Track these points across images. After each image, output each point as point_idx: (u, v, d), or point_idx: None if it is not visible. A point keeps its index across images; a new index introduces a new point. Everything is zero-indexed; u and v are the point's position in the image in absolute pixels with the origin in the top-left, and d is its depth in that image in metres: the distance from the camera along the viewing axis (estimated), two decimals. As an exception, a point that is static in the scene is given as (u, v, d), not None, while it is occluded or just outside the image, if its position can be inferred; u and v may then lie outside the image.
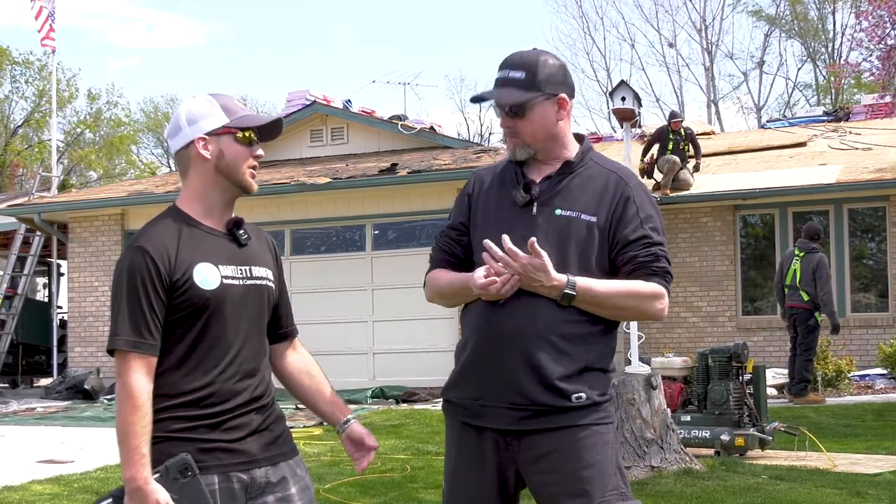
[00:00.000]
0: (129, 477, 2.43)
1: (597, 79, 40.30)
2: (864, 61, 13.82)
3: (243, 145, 2.63)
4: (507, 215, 2.76)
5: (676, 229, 14.85)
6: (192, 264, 2.55)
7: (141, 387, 2.47)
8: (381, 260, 14.33)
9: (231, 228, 2.67)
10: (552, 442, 2.65)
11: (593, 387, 2.67)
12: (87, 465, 8.21)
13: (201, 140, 2.62)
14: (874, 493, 6.26)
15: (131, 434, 2.43)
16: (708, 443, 7.81)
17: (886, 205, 14.30)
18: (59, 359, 16.72)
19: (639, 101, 8.86)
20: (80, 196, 17.46)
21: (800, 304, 11.09)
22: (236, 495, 2.54)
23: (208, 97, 2.67)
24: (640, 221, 2.71)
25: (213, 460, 2.52)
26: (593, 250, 2.70)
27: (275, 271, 2.76)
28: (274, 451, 2.63)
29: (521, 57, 2.77)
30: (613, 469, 2.68)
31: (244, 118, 2.65)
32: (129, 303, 2.51)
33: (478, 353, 2.73)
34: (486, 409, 2.70)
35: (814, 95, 37.46)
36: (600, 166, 2.81)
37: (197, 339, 2.56)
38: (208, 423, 2.53)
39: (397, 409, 11.82)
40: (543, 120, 2.75)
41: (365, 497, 6.56)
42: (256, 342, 2.66)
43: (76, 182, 39.23)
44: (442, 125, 18.71)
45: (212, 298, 2.55)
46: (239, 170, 2.63)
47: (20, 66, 38.47)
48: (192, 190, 2.66)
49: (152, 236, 2.57)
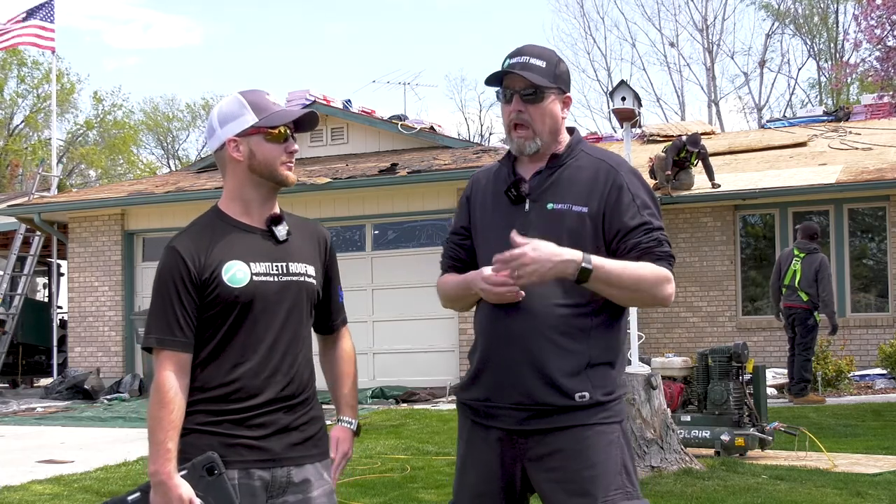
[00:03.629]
0: (154, 471, 2.47)
1: (597, 78, 40.38)
2: (862, 62, 13.79)
3: (275, 143, 2.64)
4: (503, 215, 2.77)
5: (676, 229, 14.85)
6: (221, 262, 2.59)
7: (170, 383, 2.52)
8: (381, 260, 14.34)
9: (269, 225, 2.68)
10: (557, 442, 2.66)
11: (598, 385, 2.67)
12: (87, 465, 8.22)
13: (232, 142, 2.65)
14: (874, 493, 6.26)
15: (158, 429, 2.49)
16: (708, 443, 7.81)
17: (887, 205, 14.30)
18: (59, 359, 16.72)
19: (639, 101, 8.86)
20: (80, 196, 17.45)
21: (799, 305, 11.08)
22: (256, 492, 2.56)
23: (238, 96, 2.68)
24: (637, 208, 2.70)
25: (234, 455, 2.54)
26: (586, 240, 2.68)
27: (320, 266, 2.75)
28: (300, 451, 2.63)
29: (540, 48, 2.78)
30: (618, 468, 2.67)
31: (273, 115, 2.64)
32: (160, 302, 2.58)
33: (485, 355, 2.75)
34: (493, 409, 2.72)
35: (817, 95, 37.46)
36: (590, 156, 2.79)
37: (227, 336, 2.59)
38: (234, 419, 2.56)
39: (397, 409, 11.83)
40: (553, 112, 2.76)
41: (365, 497, 6.56)
42: (291, 340, 2.66)
43: (76, 182, 39.24)
44: (442, 125, 18.70)
45: (241, 296, 2.58)
46: (273, 167, 2.65)
47: (27, 66, 38.56)
48: (229, 189, 2.70)
49: (185, 236, 2.64)
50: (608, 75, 39.17)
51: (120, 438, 10.00)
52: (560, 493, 2.66)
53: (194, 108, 47.92)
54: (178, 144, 48.86)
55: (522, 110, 2.73)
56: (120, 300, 15.55)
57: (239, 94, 2.68)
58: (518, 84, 2.72)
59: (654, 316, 14.82)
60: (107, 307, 15.63)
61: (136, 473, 7.68)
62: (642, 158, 17.65)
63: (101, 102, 42.29)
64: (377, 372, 14.05)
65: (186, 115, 48.27)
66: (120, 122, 43.22)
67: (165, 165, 46.76)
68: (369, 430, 9.78)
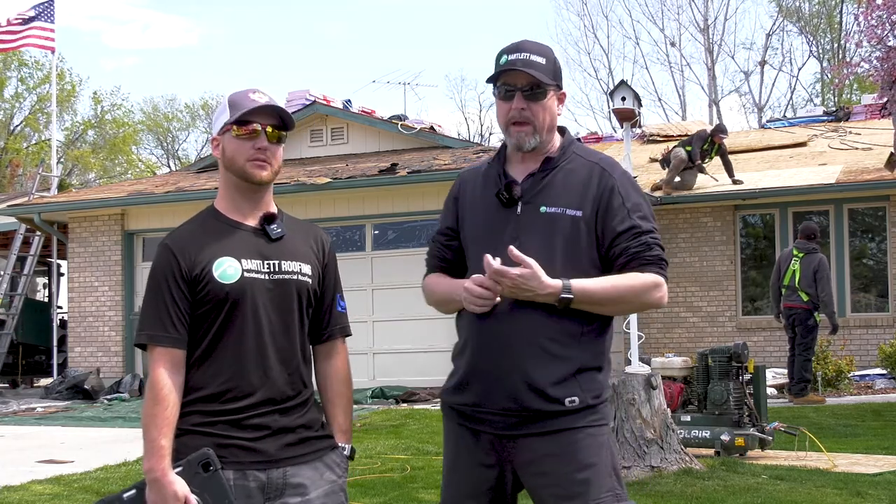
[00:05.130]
0: (149, 468, 2.48)
1: (597, 77, 40.35)
2: (862, 62, 13.78)
3: (243, 139, 2.62)
4: (494, 216, 2.75)
5: (676, 229, 14.85)
6: (212, 259, 2.58)
7: (162, 380, 2.52)
8: (381, 260, 14.33)
9: (262, 223, 2.67)
10: (547, 445, 2.64)
11: (587, 389, 2.65)
12: (87, 465, 8.21)
13: (215, 141, 2.70)
14: (874, 493, 6.26)
15: (151, 426, 2.49)
16: (708, 443, 7.81)
17: (887, 205, 14.30)
18: (59, 359, 16.71)
19: (639, 101, 8.85)
20: (79, 196, 17.44)
21: (798, 305, 11.08)
22: (252, 493, 2.55)
23: (229, 96, 2.69)
24: (626, 211, 2.67)
25: (230, 456, 2.53)
26: (581, 245, 2.66)
27: (316, 267, 2.72)
28: (296, 451, 2.61)
29: (537, 44, 2.76)
30: (609, 471, 2.66)
31: (241, 112, 2.62)
32: (152, 299, 2.58)
33: (472, 361, 2.73)
34: (482, 414, 2.70)
35: (818, 95, 37.47)
36: (583, 158, 2.76)
37: (219, 334, 2.58)
38: (228, 420, 2.55)
39: (397, 409, 11.82)
40: (553, 109, 2.74)
41: (365, 497, 6.56)
42: (285, 338, 2.64)
43: (76, 182, 39.23)
44: (442, 125, 18.74)
45: (231, 292, 2.57)
46: (237, 164, 2.63)
47: (28, 67, 38.56)
48: (221, 188, 2.73)
49: (177, 234, 2.65)
50: (609, 74, 39.17)
51: (120, 438, 9.99)
52: (552, 497, 2.65)
53: (193, 109, 47.99)
54: (178, 144, 48.93)
55: (525, 108, 2.70)
56: (120, 300, 15.54)
57: (232, 93, 2.69)
58: (521, 81, 2.70)
59: (654, 316, 14.82)
60: (107, 307, 15.63)
61: (135, 473, 7.67)
62: (642, 158, 17.65)
63: (101, 103, 42.33)
64: (377, 372, 14.06)
65: (186, 116, 48.35)
66: (119, 121, 43.22)
67: (165, 165, 46.77)
68: (369, 430, 9.79)
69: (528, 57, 2.70)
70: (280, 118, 2.66)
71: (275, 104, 2.64)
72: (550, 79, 2.71)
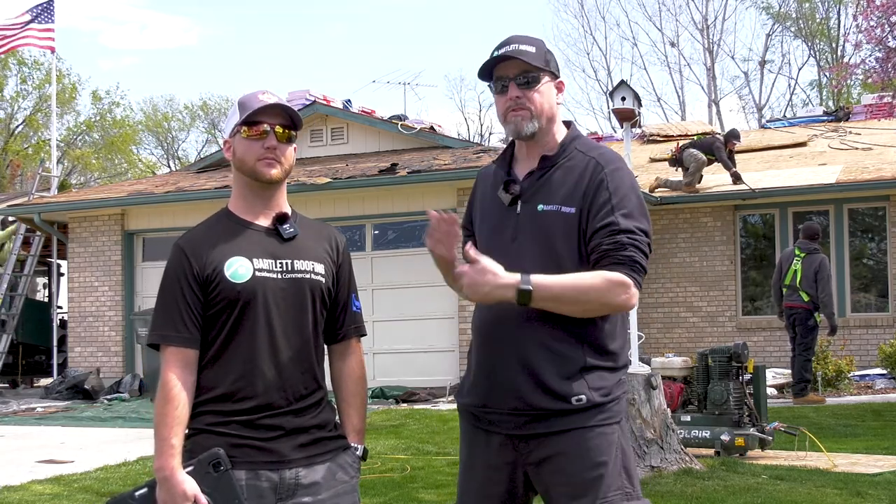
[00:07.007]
0: (159, 466, 2.49)
1: (597, 79, 40.38)
2: (861, 63, 13.78)
3: (252, 140, 2.64)
4: (499, 216, 2.76)
5: (676, 229, 14.85)
6: (223, 259, 2.59)
7: (173, 379, 2.53)
8: (381, 260, 14.33)
9: (275, 223, 2.68)
10: (557, 445, 2.64)
11: (595, 387, 2.63)
12: (87, 465, 8.21)
13: (227, 143, 2.72)
14: (874, 493, 6.26)
15: (162, 424, 2.50)
16: (708, 443, 7.81)
17: (887, 205, 14.31)
18: (59, 359, 16.71)
19: (639, 101, 8.85)
20: (79, 196, 17.44)
21: (799, 305, 11.09)
22: (264, 493, 2.55)
23: (239, 99, 2.70)
24: (610, 207, 2.61)
25: (242, 456, 2.54)
26: (578, 242, 2.64)
27: (330, 267, 2.72)
28: (309, 452, 2.61)
29: (527, 36, 2.77)
30: (619, 469, 2.65)
31: (249, 113, 2.64)
32: (165, 299, 2.60)
33: (480, 360, 2.74)
34: (491, 415, 2.71)
35: (817, 96, 37.47)
36: (583, 153, 2.73)
37: (232, 334, 2.58)
38: (241, 420, 2.56)
39: (397, 409, 11.82)
40: (549, 96, 2.74)
41: (365, 497, 6.55)
42: (298, 338, 2.64)
43: (76, 182, 39.24)
44: (442, 125, 18.72)
45: (243, 291, 2.57)
46: (248, 164, 2.65)
47: (28, 67, 38.54)
48: (234, 189, 2.74)
49: (190, 235, 2.67)
50: (608, 75, 39.19)
51: (120, 438, 10.00)
52: (562, 496, 2.65)
53: (192, 109, 47.98)
54: (178, 144, 48.93)
55: (520, 96, 2.70)
56: (120, 300, 15.54)
57: (243, 96, 2.71)
58: (512, 70, 2.71)
59: (654, 316, 14.82)
60: (107, 307, 15.63)
61: (135, 473, 7.68)
62: (642, 158, 17.67)
63: (100, 101, 42.30)
64: (377, 372, 14.04)
65: (185, 116, 48.34)
66: (119, 120, 43.21)
67: (165, 165, 46.77)
68: (369, 431, 9.77)
69: (516, 47, 2.71)
70: (289, 117, 2.67)
71: (283, 103, 2.66)
72: (542, 64, 2.72)
